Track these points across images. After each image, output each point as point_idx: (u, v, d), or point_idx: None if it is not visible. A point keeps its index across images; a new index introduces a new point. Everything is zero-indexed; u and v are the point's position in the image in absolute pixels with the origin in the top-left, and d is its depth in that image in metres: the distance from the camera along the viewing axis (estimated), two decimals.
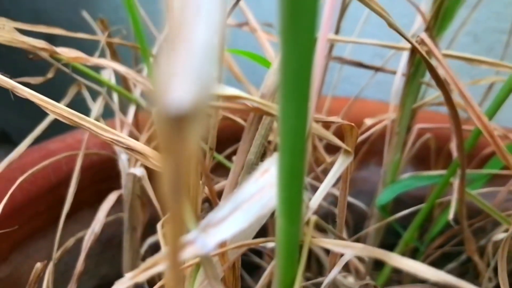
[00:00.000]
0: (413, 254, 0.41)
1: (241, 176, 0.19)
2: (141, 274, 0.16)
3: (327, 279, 0.22)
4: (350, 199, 0.43)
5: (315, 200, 0.17)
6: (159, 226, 0.29)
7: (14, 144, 0.36)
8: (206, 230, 0.15)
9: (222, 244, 0.18)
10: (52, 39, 0.30)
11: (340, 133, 0.21)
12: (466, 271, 0.45)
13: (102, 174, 0.36)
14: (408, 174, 0.37)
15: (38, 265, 0.27)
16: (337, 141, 0.19)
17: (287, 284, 0.17)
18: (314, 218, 0.17)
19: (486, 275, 0.36)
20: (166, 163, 0.08)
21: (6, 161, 0.29)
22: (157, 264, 0.16)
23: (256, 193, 0.16)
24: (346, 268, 0.37)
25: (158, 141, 0.08)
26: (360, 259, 0.37)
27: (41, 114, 0.34)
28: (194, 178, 0.18)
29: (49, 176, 0.34)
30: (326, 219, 0.31)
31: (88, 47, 0.31)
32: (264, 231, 0.43)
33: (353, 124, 0.19)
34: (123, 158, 0.31)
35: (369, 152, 0.45)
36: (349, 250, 0.17)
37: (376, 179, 0.41)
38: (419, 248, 0.40)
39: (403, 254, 0.40)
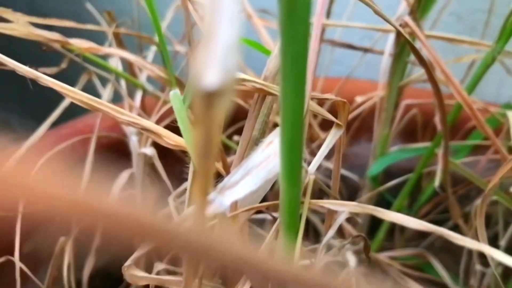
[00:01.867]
0: None
1: (247, 150, 0.22)
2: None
3: (324, 239, 0.25)
4: (344, 171, 0.46)
5: (313, 166, 0.20)
6: (170, 199, 0.32)
7: (16, 132, 0.38)
8: (222, 192, 0.18)
9: (233, 208, 0.21)
10: (50, 28, 0.32)
11: (333, 110, 0.24)
12: None
13: (111, 156, 0.39)
14: (397, 147, 0.39)
15: (62, 239, 0.29)
16: (330, 117, 0.22)
17: (291, 240, 0.20)
18: (312, 177, 0.20)
19: (469, 236, 0.39)
20: (199, 130, 0.11)
21: (27, 144, 0.32)
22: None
23: (263, 161, 0.18)
24: (341, 235, 0.40)
25: (194, 114, 0.10)
26: (354, 224, 0.40)
27: (40, 101, 0.36)
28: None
29: (63, 159, 0.36)
30: (322, 193, 0.34)
31: (88, 36, 0.33)
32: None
33: (345, 100, 0.22)
34: (133, 139, 0.33)
35: (360, 128, 0.48)
36: (344, 207, 0.19)
37: (367, 154, 0.44)
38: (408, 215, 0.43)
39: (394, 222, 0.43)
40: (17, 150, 0.33)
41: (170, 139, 0.26)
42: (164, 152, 0.35)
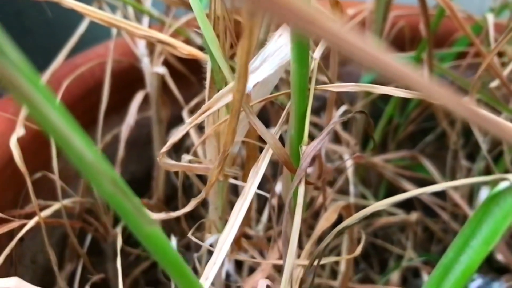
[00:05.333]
0: (396, 129, 0.48)
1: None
2: (200, 116, 0.22)
3: (325, 130, 0.28)
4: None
5: (317, 52, 0.23)
6: (184, 113, 0.35)
7: None
8: None
9: (249, 100, 0.24)
10: None
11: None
12: (442, 146, 0.52)
13: (123, 82, 0.42)
14: None
15: None
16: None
17: (301, 115, 0.23)
18: (317, 61, 0.23)
19: (453, 136, 0.43)
20: None
21: (48, 73, 0.35)
22: (211, 107, 0.22)
23: (276, 50, 0.22)
24: (338, 142, 0.44)
25: None
26: (349, 133, 0.44)
27: (39, 50, 0.38)
28: None
29: (80, 86, 0.39)
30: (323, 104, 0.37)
31: None
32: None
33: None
34: (145, 61, 0.36)
35: None
36: (344, 88, 0.23)
37: (359, 73, 0.47)
38: (400, 123, 0.47)
39: (387, 130, 0.47)
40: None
41: (184, 49, 0.29)
42: (173, 76, 0.38)
